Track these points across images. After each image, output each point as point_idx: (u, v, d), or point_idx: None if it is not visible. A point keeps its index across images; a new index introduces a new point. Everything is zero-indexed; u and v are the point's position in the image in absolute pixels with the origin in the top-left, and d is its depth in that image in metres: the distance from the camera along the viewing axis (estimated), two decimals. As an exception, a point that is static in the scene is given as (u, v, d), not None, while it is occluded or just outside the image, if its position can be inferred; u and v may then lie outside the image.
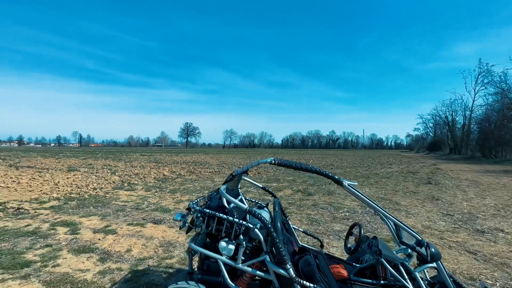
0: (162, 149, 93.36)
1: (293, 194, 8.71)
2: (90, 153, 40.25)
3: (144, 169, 15.73)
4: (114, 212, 6.05)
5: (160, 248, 4.03)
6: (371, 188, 10.09)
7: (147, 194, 8.23)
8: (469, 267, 3.62)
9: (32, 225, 5.03)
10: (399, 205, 7.30)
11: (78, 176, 11.91)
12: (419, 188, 10.09)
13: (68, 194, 7.95)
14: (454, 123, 55.12)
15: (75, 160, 23.18)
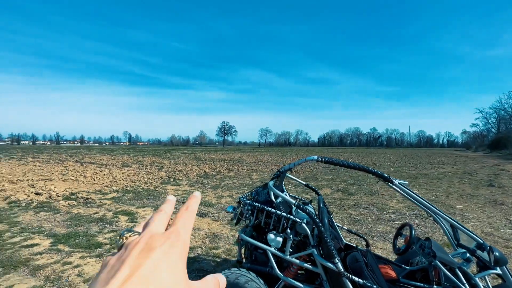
0: (201, 147, 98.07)
1: (333, 193, 8.51)
2: (138, 151, 44.16)
3: (186, 166, 16.79)
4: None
5: (207, 239, 4.34)
6: (420, 189, 9.34)
7: (191, 189, 8.81)
8: (543, 281, 3.19)
9: (99, 213, 5.80)
10: (453, 208, 6.66)
11: (131, 172, 13.24)
12: (478, 191, 9.03)
13: (125, 187, 8.92)
14: (524, 118, 47.60)
15: (126, 157, 25.71)
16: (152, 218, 0.33)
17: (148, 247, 0.28)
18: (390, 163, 22.58)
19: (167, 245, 0.28)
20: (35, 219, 5.23)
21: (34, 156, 24.51)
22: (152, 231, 0.31)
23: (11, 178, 10.35)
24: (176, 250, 0.28)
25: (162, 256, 0.27)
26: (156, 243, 0.28)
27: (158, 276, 0.25)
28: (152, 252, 0.27)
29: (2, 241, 4.06)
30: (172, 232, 0.30)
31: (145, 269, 0.26)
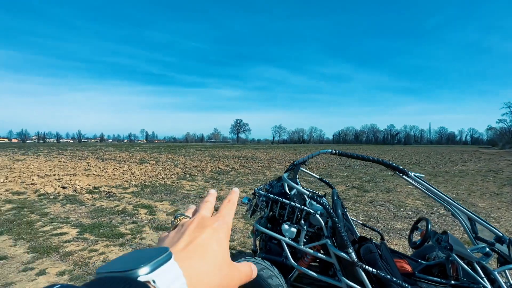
0: (215, 144, 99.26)
1: (348, 190, 8.42)
2: (155, 148, 45.43)
3: (201, 162, 17.12)
4: (180, 199, 6.85)
5: (222, 232, 4.47)
6: (440, 187, 9.02)
7: (206, 185, 9.02)
8: None
9: (120, 205, 6.09)
10: (475, 206, 6.41)
11: (148, 168, 13.70)
12: (504, 189, 8.60)
13: (143, 182, 9.27)
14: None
15: (144, 154, 26.55)
16: (200, 206, 0.40)
17: (201, 225, 0.34)
18: (408, 160, 21.89)
19: (215, 225, 0.34)
20: (62, 210, 5.58)
21: (59, 153, 25.88)
22: (202, 214, 0.37)
23: (39, 173, 11.03)
24: (222, 231, 0.34)
25: (212, 233, 0.33)
26: (207, 223, 0.35)
27: (210, 246, 0.32)
28: (205, 229, 0.34)
29: (35, 229, 4.39)
30: (219, 216, 0.37)
31: (200, 240, 0.32)
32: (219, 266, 0.31)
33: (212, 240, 0.33)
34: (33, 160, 17.35)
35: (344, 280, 1.89)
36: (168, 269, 0.25)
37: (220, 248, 0.33)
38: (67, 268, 3.10)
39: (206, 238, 0.32)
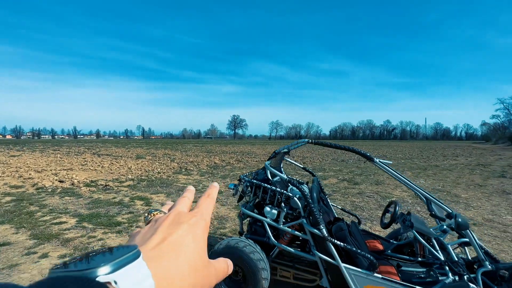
0: (212, 140, 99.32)
1: (339, 182, 8.70)
2: (151, 144, 45.41)
3: (197, 157, 17.31)
4: (176, 191, 7.07)
5: (215, 221, 4.70)
6: (427, 179, 9.35)
7: (201, 179, 9.24)
8: (532, 260, 3.34)
9: (117, 197, 6.29)
10: (458, 197, 6.72)
11: (145, 163, 13.86)
12: (488, 182, 8.96)
13: (139, 176, 9.46)
14: (548, 108, 45.09)
15: (140, 149, 26.63)
16: (178, 202, 0.38)
17: (177, 221, 0.32)
18: (401, 155, 22.28)
19: (192, 221, 0.32)
20: (61, 202, 5.77)
21: (55, 149, 25.84)
22: (178, 209, 0.35)
23: (36, 168, 11.15)
24: (199, 227, 0.32)
25: (188, 230, 0.31)
26: (183, 219, 0.32)
27: (186, 244, 0.29)
28: (180, 225, 0.31)
29: (35, 219, 4.58)
30: (197, 212, 0.35)
31: (175, 236, 0.30)
32: (195, 266, 0.29)
33: (188, 237, 0.31)
34: (28, 156, 17.39)
35: (317, 254, 2.13)
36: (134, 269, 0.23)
37: (196, 245, 0.31)
38: (68, 252, 3.31)
39: (182, 235, 0.30)
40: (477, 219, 5.03)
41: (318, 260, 2.15)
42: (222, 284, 2.33)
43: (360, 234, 2.40)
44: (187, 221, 0.32)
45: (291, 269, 2.36)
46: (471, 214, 5.33)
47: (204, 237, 0.33)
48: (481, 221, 4.93)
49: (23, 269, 2.92)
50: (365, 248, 2.26)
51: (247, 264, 2.19)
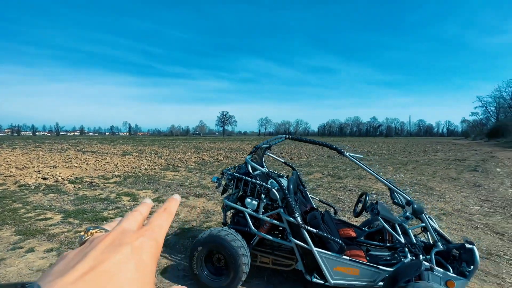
0: (201, 137, 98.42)
1: (323, 177, 9.00)
2: (138, 140, 44.59)
3: (185, 154, 17.26)
4: (163, 187, 7.13)
5: (201, 214, 4.84)
6: (406, 174, 9.83)
7: (189, 175, 9.30)
8: (490, 245, 3.70)
9: (103, 194, 6.29)
10: (432, 190, 7.16)
11: (131, 159, 13.71)
12: (462, 175, 9.52)
13: (126, 173, 9.40)
14: (521, 106, 47.67)
15: (127, 146, 26.16)
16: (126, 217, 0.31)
17: (118, 243, 0.26)
18: (385, 151, 23.03)
19: (139, 242, 0.26)
20: (45, 199, 5.72)
21: (36, 146, 24.96)
22: (123, 227, 0.28)
23: (17, 165, 10.83)
24: (148, 249, 0.27)
25: (131, 254, 0.25)
26: (127, 239, 0.26)
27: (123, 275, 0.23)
28: (122, 247, 0.25)
29: (19, 216, 4.56)
30: (147, 230, 0.29)
31: (109, 264, 0.23)
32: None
33: (128, 265, 0.24)
34: (8, 153, 16.77)
35: (293, 240, 2.32)
36: None
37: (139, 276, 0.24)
38: (54, 246, 3.37)
39: (119, 262, 0.24)
40: (447, 209, 5.42)
41: (294, 246, 2.35)
42: (205, 270, 2.49)
43: (332, 222, 2.62)
44: (131, 242, 0.26)
45: (270, 255, 2.55)
46: (443, 205, 5.73)
47: (152, 263, 0.26)
48: (451, 211, 5.32)
49: (10, 263, 2.96)
50: (336, 234, 2.48)
51: (228, 251, 2.35)
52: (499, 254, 3.41)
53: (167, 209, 0.34)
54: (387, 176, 9.41)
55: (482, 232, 4.16)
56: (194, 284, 2.60)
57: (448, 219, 4.81)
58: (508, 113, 55.56)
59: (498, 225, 4.49)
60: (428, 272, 2.05)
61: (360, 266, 2.18)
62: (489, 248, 3.58)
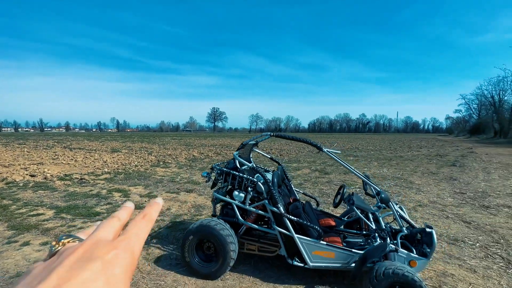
0: (191, 133, 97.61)
1: (311, 173, 9.32)
2: (127, 137, 43.88)
3: (176, 150, 17.26)
4: (154, 184, 7.24)
5: (192, 209, 5.02)
6: (390, 169, 10.29)
7: (179, 171, 9.42)
8: (457, 232, 4.07)
9: (94, 190, 6.35)
10: (412, 183, 7.58)
11: (121, 156, 13.64)
12: (441, 170, 10.06)
13: (116, 169, 9.42)
14: (501, 104, 49.81)
15: (116, 143, 25.80)
16: (102, 224, 0.28)
17: (88, 256, 0.23)
18: (372, 147, 23.73)
19: (112, 255, 0.24)
20: (35, 196, 5.75)
21: (20, 143, 24.25)
22: (97, 237, 0.26)
23: (2, 162, 10.62)
24: (121, 263, 0.24)
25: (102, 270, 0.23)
26: (98, 253, 0.24)
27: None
28: (91, 263, 0.23)
29: (10, 212, 4.60)
30: (122, 240, 0.26)
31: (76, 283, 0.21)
32: None
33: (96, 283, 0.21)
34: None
35: (276, 228, 2.56)
36: None
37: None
38: (49, 240, 3.48)
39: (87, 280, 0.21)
40: (424, 201, 5.81)
41: (278, 233, 2.58)
42: (196, 257, 2.70)
43: (312, 212, 2.87)
44: (103, 255, 0.24)
45: (256, 243, 2.78)
46: (420, 197, 6.12)
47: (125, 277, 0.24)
48: (427, 202, 5.71)
49: (6, 255, 3.07)
50: (316, 222, 2.73)
51: (217, 239, 2.56)
52: (464, 240, 3.77)
53: (147, 215, 0.30)
54: (372, 171, 9.84)
55: (452, 221, 4.55)
56: (186, 271, 2.80)
57: (423, 210, 5.18)
58: (489, 111, 57.80)
59: (467, 215, 4.90)
60: (394, 253, 2.33)
61: (336, 250, 2.44)
62: (456, 235, 3.95)
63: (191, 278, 2.70)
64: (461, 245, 3.62)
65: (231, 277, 2.75)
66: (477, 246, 3.60)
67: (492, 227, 4.29)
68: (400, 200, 5.82)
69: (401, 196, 6.17)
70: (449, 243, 3.68)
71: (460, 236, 3.93)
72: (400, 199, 5.91)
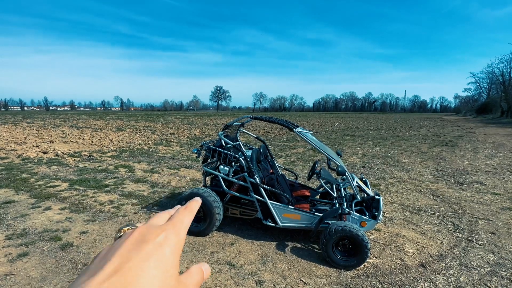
0: (195, 112, 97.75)
1: (305, 151, 9.80)
2: (131, 116, 44.48)
3: (178, 129, 17.80)
4: (156, 160, 7.82)
5: (190, 182, 5.60)
6: (382, 148, 10.69)
7: (181, 149, 9.98)
8: (423, 203, 4.57)
9: (101, 166, 6.96)
10: (399, 162, 8.03)
11: (126, 135, 14.25)
12: (431, 150, 10.43)
13: (121, 147, 10.03)
14: (511, 82, 48.35)
15: (120, 122, 26.42)
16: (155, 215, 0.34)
17: (142, 239, 0.28)
18: (373, 127, 23.91)
19: (161, 237, 0.28)
20: (50, 171, 6.38)
21: (28, 122, 25.02)
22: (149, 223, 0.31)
23: (15, 140, 11.30)
24: (170, 244, 0.28)
25: (154, 250, 0.27)
26: (150, 236, 0.28)
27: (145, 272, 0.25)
28: (145, 244, 0.27)
29: (30, 184, 5.24)
30: (168, 224, 0.30)
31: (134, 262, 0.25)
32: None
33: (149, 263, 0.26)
34: (2, 129, 17.04)
35: (254, 196, 3.08)
36: None
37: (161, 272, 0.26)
38: (67, 206, 4.10)
39: (142, 260, 0.26)
40: (404, 178, 6.29)
41: (255, 200, 3.10)
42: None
43: (285, 183, 3.37)
44: (153, 239, 0.28)
45: (238, 208, 3.32)
46: (401, 174, 6.59)
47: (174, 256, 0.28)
48: (406, 179, 6.19)
49: (33, 217, 3.69)
50: (288, 192, 3.24)
51: (205, 204, 3.10)
52: (426, 210, 4.28)
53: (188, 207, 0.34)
54: (364, 150, 10.26)
55: (423, 195, 5.04)
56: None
57: (400, 185, 5.67)
58: (499, 90, 56.24)
59: (439, 190, 5.38)
60: (348, 216, 2.84)
61: (301, 213, 2.96)
62: (421, 206, 4.45)
63: (185, 236, 3.29)
64: (422, 214, 4.13)
65: (217, 235, 3.33)
66: (436, 215, 4.11)
67: (457, 200, 4.78)
68: (382, 177, 6.30)
69: (384, 173, 6.64)
70: (412, 212, 4.20)
71: (424, 207, 4.44)
72: (382, 176, 6.39)
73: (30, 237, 3.18)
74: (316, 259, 2.85)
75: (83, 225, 3.54)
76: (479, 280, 2.58)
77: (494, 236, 3.43)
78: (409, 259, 2.90)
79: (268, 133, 16.05)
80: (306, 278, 2.58)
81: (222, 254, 2.93)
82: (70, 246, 3.02)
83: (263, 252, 2.98)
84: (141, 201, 4.46)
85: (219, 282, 2.49)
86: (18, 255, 2.84)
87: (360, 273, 2.66)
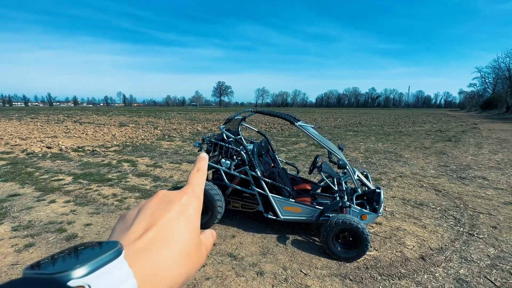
0: (197, 108, 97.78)
1: (307, 147, 9.79)
2: (134, 111, 44.62)
3: (180, 125, 17.85)
4: (159, 155, 7.88)
5: (192, 177, 5.64)
6: (385, 143, 10.65)
7: (183, 144, 10.03)
8: (425, 198, 4.57)
9: (105, 160, 7.03)
10: (401, 157, 8.00)
11: (128, 130, 14.32)
12: (435, 145, 10.36)
13: (124, 142, 10.09)
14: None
15: (123, 117, 26.53)
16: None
17: (167, 200, 0.30)
18: (376, 122, 23.77)
19: (184, 199, 0.30)
20: (54, 165, 6.46)
21: (32, 117, 25.23)
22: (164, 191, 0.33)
23: (19, 135, 11.42)
24: (192, 205, 0.30)
25: (180, 209, 0.29)
26: (175, 197, 0.30)
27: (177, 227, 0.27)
28: (172, 204, 0.29)
29: (35, 177, 5.32)
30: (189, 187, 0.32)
31: (166, 219, 0.27)
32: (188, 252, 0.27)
33: (179, 220, 0.28)
34: (7, 124, 17.21)
35: (255, 189, 3.10)
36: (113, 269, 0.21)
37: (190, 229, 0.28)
38: (71, 199, 4.16)
39: (172, 218, 0.28)
40: (406, 172, 6.27)
41: (256, 193, 3.13)
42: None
43: (287, 177, 3.39)
44: (178, 200, 0.30)
45: (239, 201, 3.35)
46: (404, 169, 6.58)
47: (197, 217, 0.30)
48: (408, 174, 6.18)
49: (38, 209, 3.76)
50: (289, 185, 3.26)
51: (207, 197, 3.13)
52: (428, 205, 4.28)
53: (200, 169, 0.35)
54: (367, 145, 10.23)
55: (425, 190, 5.04)
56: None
57: (402, 180, 5.66)
58: (505, 85, 55.42)
59: (441, 185, 5.36)
60: (348, 209, 2.86)
61: (302, 206, 2.98)
62: (422, 201, 4.45)
63: (187, 228, 3.33)
64: (423, 209, 4.13)
65: (219, 227, 3.37)
66: (437, 210, 4.11)
67: (459, 194, 4.77)
68: (384, 172, 6.30)
69: (386, 168, 6.63)
70: (414, 206, 4.20)
71: (426, 201, 4.44)
72: (384, 171, 6.38)
73: (36, 229, 3.24)
74: (316, 251, 2.88)
75: (87, 217, 3.60)
76: (479, 273, 2.59)
77: (495, 230, 3.43)
78: (409, 252, 2.92)
79: (270, 128, 16.05)
80: (306, 269, 2.61)
81: (224, 246, 2.97)
82: (75, 237, 3.08)
83: (264, 244, 3.02)
84: (143, 194, 4.51)
85: (221, 273, 2.54)
86: (25, 245, 2.91)
87: (360, 265, 2.69)
